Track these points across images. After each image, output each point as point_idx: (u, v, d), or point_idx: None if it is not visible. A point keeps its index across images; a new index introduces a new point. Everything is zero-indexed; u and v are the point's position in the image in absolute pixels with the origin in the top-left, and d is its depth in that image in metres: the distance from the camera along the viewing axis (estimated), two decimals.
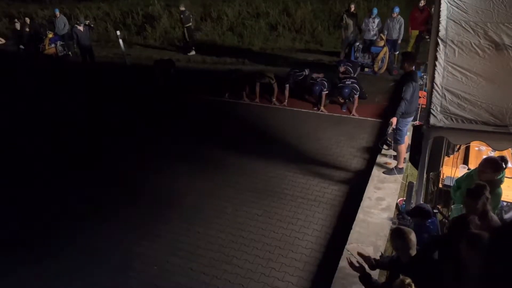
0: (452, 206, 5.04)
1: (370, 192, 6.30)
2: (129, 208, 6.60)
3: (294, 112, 9.52)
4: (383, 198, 6.16)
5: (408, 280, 2.75)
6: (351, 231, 5.51)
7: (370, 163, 7.20)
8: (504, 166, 4.27)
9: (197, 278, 5.21)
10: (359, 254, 3.72)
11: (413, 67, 6.16)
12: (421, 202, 4.89)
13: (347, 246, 5.23)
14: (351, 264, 3.57)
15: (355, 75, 9.80)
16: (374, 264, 3.65)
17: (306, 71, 9.74)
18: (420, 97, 6.71)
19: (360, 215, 5.82)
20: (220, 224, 6.11)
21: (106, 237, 6.01)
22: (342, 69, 9.70)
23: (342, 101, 9.36)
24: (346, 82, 8.98)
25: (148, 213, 6.47)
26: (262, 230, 5.94)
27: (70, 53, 14.77)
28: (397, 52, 11.25)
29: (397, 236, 3.34)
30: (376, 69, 10.99)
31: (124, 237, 5.98)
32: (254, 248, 5.63)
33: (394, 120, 6.13)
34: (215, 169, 7.49)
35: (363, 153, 7.66)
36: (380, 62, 10.92)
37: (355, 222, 5.68)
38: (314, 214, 6.19)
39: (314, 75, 9.64)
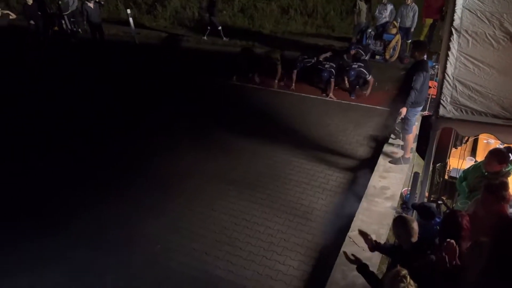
0: (458, 202, 5.01)
1: (375, 181, 6.30)
2: (135, 187, 6.67)
3: (302, 97, 9.45)
4: (387, 187, 6.15)
5: (404, 272, 2.76)
6: (354, 219, 5.53)
7: (377, 151, 7.18)
8: (511, 157, 4.24)
9: (199, 257, 5.29)
10: (361, 232, 3.72)
11: (424, 56, 6.07)
12: (426, 193, 4.88)
13: (350, 234, 5.26)
14: (346, 256, 3.59)
15: (366, 58, 9.66)
16: (374, 245, 3.66)
17: (315, 59, 9.64)
18: (430, 87, 6.63)
19: (364, 203, 5.83)
20: (223, 206, 6.16)
21: (111, 214, 6.10)
22: (352, 52, 9.51)
23: (347, 85, 9.28)
24: (353, 66, 8.85)
25: (154, 192, 6.53)
26: (265, 214, 5.98)
27: (80, 30, 14.70)
28: (410, 41, 11.06)
29: (399, 224, 3.36)
30: (387, 56, 10.83)
31: (129, 214, 6.06)
32: (256, 231, 5.69)
33: (403, 110, 6.07)
34: (221, 152, 7.51)
35: (370, 141, 7.62)
36: (391, 50, 10.76)
37: (358, 210, 5.69)
38: (318, 201, 6.21)
39: (322, 57, 9.50)
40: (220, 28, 13.35)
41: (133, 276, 5.06)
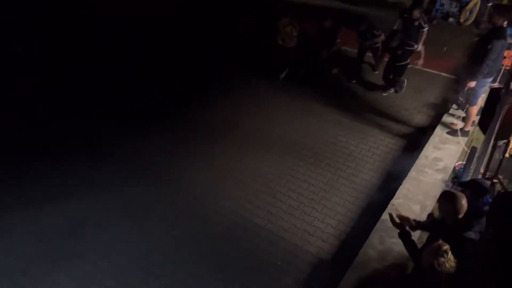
0: None
1: (429, 151, 6.06)
2: (186, 133, 6.91)
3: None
4: (440, 159, 5.90)
5: (445, 247, 2.70)
6: (401, 187, 5.41)
7: (435, 121, 6.83)
8: None
9: (241, 204, 5.48)
10: (399, 216, 3.66)
11: (505, 22, 5.52)
12: (482, 169, 4.64)
13: (393, 201, 5.17)
14: (392, 219, 3.55)
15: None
16: (414, 225, 3.60)
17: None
18: (505, 57, 6.07)
19: (413, 172, 5.66)
20: (269, 159, 6.24)
21: (164, 154, 6.41)
22: (416, 14, 8.42)
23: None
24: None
25: (204, 139, 6.74)
26: (309, 172, 6.00)
27: None
28: (490, 4, 10.06)
29: (448, 199, 3.23)
30: (461, 20, 9.95)
31: (179, 157, 6.33)
32: (299, 186, 5.75)
33: (472, 84, 5.66)
34: (270, 106, 7.53)
35: (429, 109, 7.25)
36: (468, 12, 9.86)
37: (406, 179, 5.55)
38: (365, 164, 6.11)
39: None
40: None
41: (179, 212, 5.36)
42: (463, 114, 6.51)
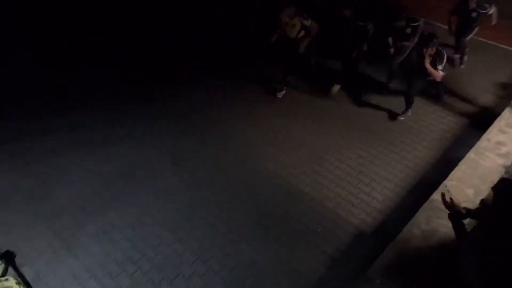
0: None
1: (492, 134, 5.66)
2: (236, 92, 6.98)
3: None
4: (504, 143, 5.51)
5: None
6: (456, 168, 5.14)
7: (504, 102, 6.34)
8: None
9: (286, 168, 5.50)
10: (451, 201, 3.49)
11: None
12: None
13: (446, 182, 4.94)
14: (443, 199, 3.41)
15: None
16: (463, 213, 3.43)
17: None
18: None
19: (471, 154, 5.35)
20: (319, 128, 6.17)
21: (210, 111, 6.54)
22: (473, 4, 7.35)
23: None
24: None
25: (253, 100, 6.79)
26: (361, 144, 5.86)
27: None
28: None
29: (506, 187, 3.04)
30: None
31: (225, 116, 6.43)
32: (347, 157, 5.65)
33: None
34: (323, 77, 7.31)
35: (499, 89, 6.74)
36: None
37: (463, 160, 5.25)
38: (420, 142, 5.87)
39: None
40: None
41: (223, 170, 5.50)
42: None
